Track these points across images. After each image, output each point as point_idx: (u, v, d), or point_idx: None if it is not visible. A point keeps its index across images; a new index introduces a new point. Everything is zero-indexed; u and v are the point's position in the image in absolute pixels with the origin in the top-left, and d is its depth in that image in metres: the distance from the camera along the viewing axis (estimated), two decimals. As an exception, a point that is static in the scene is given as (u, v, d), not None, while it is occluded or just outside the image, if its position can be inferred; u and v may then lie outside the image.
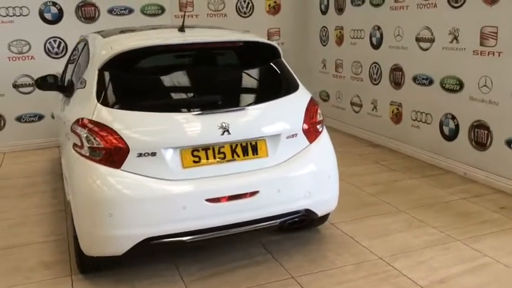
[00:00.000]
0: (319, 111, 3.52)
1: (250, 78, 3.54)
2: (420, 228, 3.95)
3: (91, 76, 3.23)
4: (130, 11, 6.86)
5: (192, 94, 3.35)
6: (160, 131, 3.04)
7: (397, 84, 6.00)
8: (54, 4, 6.53)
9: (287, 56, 7.67)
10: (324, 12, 7.41)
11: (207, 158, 3.07)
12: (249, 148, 3.17)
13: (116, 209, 2.90)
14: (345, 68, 7.05)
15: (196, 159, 3.05)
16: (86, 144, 2.98)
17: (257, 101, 3.33)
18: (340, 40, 7.08)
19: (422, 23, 5.46)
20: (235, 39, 3.52)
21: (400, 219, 4.14)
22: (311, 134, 3.40)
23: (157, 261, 3.48)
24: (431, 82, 5.44)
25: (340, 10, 7.00)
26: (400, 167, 5.48)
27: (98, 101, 3.07)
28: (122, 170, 2.94)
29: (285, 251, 3.64)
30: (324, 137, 3.51)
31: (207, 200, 3.02)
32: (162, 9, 7.01)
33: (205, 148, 3.07)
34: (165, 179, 2.98)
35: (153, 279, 3.32)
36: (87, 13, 6.69)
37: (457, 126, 5.15)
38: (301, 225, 3.49)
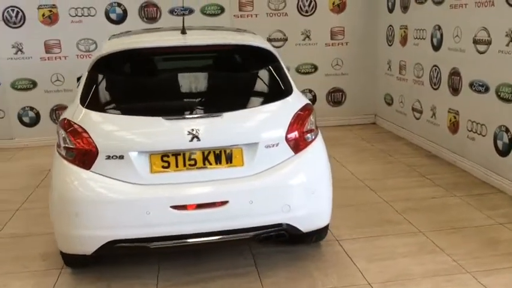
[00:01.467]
0: (311, 119, 3.29)
1: (237, 83, 3.40)
2: (431, 254, 3.54)
3: (83, 77, 3.32)
4: (191, 11, 6.98)
5: (169, 98, 3.29)
6: (128, 135, 3.04)
7: (455, 90, 5.44)
8: (119, 5, 6.86)
9: (352, 56, 7.41)
10: (390, 10, 6.95)
11: (177, 164, 3.01)
12: (223, 156, 3.05)
13: (81, 209, 2.96)
14: (408, 70, 6.55)
15: (166, 164, 3.01)
16: (62, 144, 3.07)
17: (238, 107, 3.17)
18: (404, 40, 6.60)
19: (479, 23, 4.88)
20: (224, 42, 3.40)
21: (414, 241, 3.74)
22: (297, 144, 3.19)
23: (142, 262, 3.49)
24: (487, 89, 4.84)
25: (405, 8, 6.52)
26: (446, 182, 4.96)
27: (80, 102, 3.15)
28: (92, 171, 2.99)
29: (271, 265, 3.47)
30: (314, 148, 3.27)
31: (173, 207, 2.96)
32: (221, 9, 7.06)
33: (176, 154, 3.01)
34: (132, 182, 2.97)
35: (130, 280, 3.34)
36: (149, 13, 6.94)
37: (510, 140, 4.54)
38: (280, 239, 3.32)
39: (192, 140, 2.97)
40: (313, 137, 3.29)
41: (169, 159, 3.01)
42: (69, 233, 3.03)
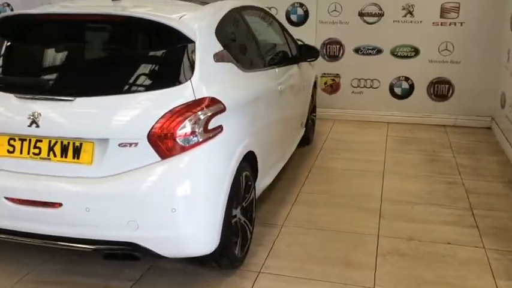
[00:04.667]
0: (199, 117, 2.54)
1: (115, 63, 2.76)
2: (348, 327, 2.53)
3: None
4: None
5: (34, 73, 2.83)
6: None
7: (549, 98, 3.84)
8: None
9: (467, 41, 5.84)
10: (518, -16, 5.24)
11: (21, 151, 2.62)
12: (71, 149, 2.56)
13: None
14: (520, 64, 4.90)
15: (11, 148, 2.64)
16: None
17: (99, 92, 2.58)
18: (522, 24, 4.93)
19: None
20: (119, 14, 2.76)
21: (351, 301, 2.74)
22: (166, 147, 2.49)
23: (42, 251, 3.19)
24: None
25: (527, -20, 4.83)
26: (493, 225, 3.57)
27: None
28: None
29: (150, 284, 2.88)
30: (194, 155, 2.52)
31: (7, 199, 2.59)
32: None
33: (22, 139, 2.62)
34: (-24, 164, 2.67)
35: (8, 265, 3.09)
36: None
37: None
38: (127, 259, 2.71)
39: (30, 125, 2.54)
40: (197, 141, 2.55)
41: (15, 144, 2.63)
42: None
